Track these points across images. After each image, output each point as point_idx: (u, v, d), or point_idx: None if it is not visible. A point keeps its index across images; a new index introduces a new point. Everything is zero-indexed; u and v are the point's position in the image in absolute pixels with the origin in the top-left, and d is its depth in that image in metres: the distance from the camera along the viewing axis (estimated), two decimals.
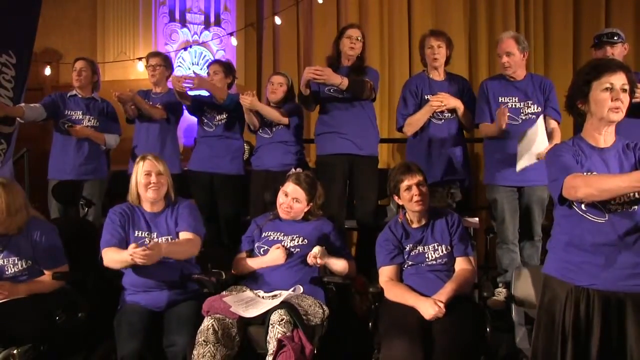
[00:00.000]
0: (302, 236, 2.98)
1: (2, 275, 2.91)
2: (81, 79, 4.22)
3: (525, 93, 3.54)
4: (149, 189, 2.89)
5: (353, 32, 3.74)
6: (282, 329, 2.49)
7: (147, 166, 2.90)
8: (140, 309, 2.75)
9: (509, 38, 3.56)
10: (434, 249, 2.82)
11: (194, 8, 6.15)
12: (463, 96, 3.71)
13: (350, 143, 3.65)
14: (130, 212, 2.94)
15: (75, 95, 4.25)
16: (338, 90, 3.63)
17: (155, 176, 2.90)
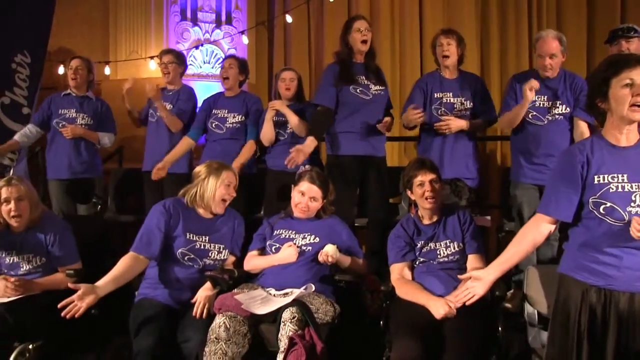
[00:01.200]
0: (313, 234, 2.97)
1: (17, 271, 2.96)
2: (77, 77, 4.20)
3: (555, 92, 3.48)
4: (222, 200, 2.91)
5: (361, 24, 3.68)
6: (294, 326, 2.48)
7: (232, 178, 2.94)
8: (157, 304, 2.76)
9: (553, 39, 3.44)
10: (446, 246, 2.81)
11: (206, 6, 6.17)
12: (476, 94, 3.68)
13: (367, 144, 3.63)
14: (182, 212, 2.92)
15: (70, 94, 4.25)
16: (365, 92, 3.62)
17: (233, 190, 2.94)
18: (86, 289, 2.52)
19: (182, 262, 2.85)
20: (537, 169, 3.46)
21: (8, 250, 2.97)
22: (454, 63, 3.69)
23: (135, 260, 2.75)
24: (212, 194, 2.90)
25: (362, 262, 3.03)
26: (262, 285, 2.85)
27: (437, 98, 3.68)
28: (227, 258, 2.96)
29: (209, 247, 2.90)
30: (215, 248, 2.91)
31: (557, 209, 2.11)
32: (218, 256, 2.92)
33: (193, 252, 2.86)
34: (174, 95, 4.27)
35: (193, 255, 2.86)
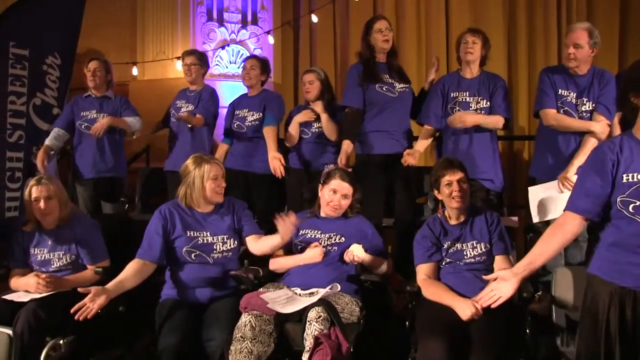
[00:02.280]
0: (339, 234, 2.97)
1: (48, 268, 3.02)
2: (95, 79, 4.24)
3: (582, 89, 3.40)
4: (216, 194, 2.91)
5: (382, 24, 3.68)
6: (319, 326, 2.48)
7: (215, 170, 2.91)
8: (181, 304, 2.79)
9: (581, 29, 3.36)
10: (473, 247, 2.78)
11: (232, 7, 6.20)
12: (493, 93, 3.61)
13: (396, 142, 3.63)
14: (179, 212, 2.94)
15: (90, 95, 4.28)
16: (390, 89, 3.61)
17: (222, 180, 2.93)
18: (97, 291, 2.58)
19: (190, 260, 2.87)
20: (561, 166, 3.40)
21: (40, 247, 3.04)
22: (475, 62, 3.64)
23: (141, 265, 2.81)
24: (199, 191, 2.90)
25: (387, 262, 3.02)
26: (287, 285, 2.86)
27: (453, 97, 3.63)
28: (236, 246, 2.95)
29: (212, 241, 2.90)
30: (219, 240, 2.91)
31: (585, 207, 2.07)
32: (224, 247, 2.91)
33: (197, 248, 2.87)
34: (196, 95, 4.30)
35: (198, 252, 2.87)
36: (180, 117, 4.15)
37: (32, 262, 3.05)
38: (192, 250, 2.87)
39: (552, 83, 3.46)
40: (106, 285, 2.66)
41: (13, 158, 4.12)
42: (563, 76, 3.45)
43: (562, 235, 2.14)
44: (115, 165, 4.24)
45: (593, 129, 3.29)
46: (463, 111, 3.55)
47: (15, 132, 4.10)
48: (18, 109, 4.15)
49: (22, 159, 4.19)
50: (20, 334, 2.56)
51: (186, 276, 2.87)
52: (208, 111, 4.23)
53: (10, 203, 4.04)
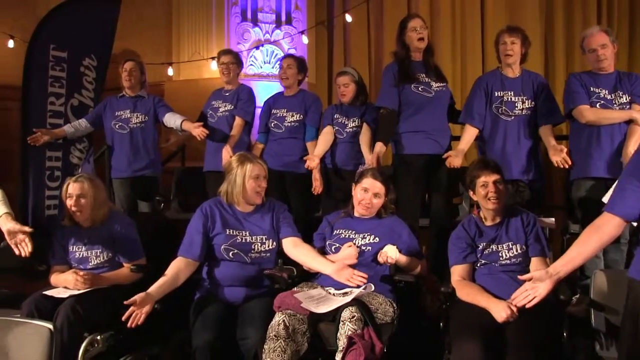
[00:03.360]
0: (373, 234, 2.95)
1: (85, 265, 3.07)
2: (131, 79, 4.29)
3: (614, 85, 3.41)
4: (256, 193, 2.93)
5: (416, 23, 3.65)
6: (353, 326, 2.48)
7: (257, 170, 2.92)
8: (217, 302, 2.82)
9: (599, 32, 3.45)
10: (508, 248, 2.74)
11: (266, 7, 6.24)
12: (538, 95, 3.56)
13: (434, 142, 3.60)
14: (220, 210, 2.96)
15: (124, 95, 4.33)
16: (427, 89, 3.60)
17: (263, 181, 2.95)
18: (141, 300, 2.62)
19: (228, 258, 2.89)
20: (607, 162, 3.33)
21: (78, 245, 3.10)
22: (516, 62, 3.60)
23: (183, 263, 2.84)
24: (240, 189, 2.91)
25: (422, 263, 2.99)
26: (321, 284, 2.86)
27: (498, 97, 3.58)
28: (274, 247, 2.95)
29: (250, 241, 2.91)
30: (257, 240, 2.92)
31: (624, 208, 2.02)
32: (262, 247, 2.92)
33: (235, 246, 2.89)
34: (233, 95, 4.32)
35: (236, 250, 2.89)
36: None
37: (70, 259, 3.11)
38: (230, 248, 2.89)
39: (582, 83, 3.46)
40: (149, 290, 2.70)
41: (52, 157, 4.21)
42: (591, 77, 3.49)
43: (600, 237, 2.09)
44: (150, 164, 4.28)
45: (635, 116, 3.30)
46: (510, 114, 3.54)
47: None
48: (57, 109, 4.24)
49: (60, 159, 4.27)
50: (60, 329, 2.61)
51: (223, 274, 2.89)
52: (247, 112, 4.25)
53: (50, 201, 4.13)
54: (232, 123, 4.24)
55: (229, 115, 4.26)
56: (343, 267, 2.72)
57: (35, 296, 2.87)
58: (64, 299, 2.81)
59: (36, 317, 2.64)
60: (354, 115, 3.90)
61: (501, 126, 3.57)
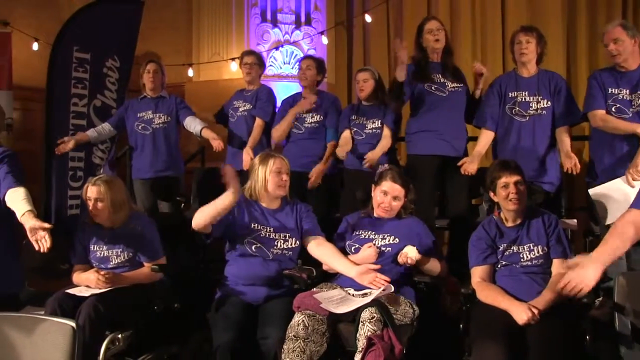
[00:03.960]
0: (393, 235, 2.95)
1: (106, 265, 3.10)
2: (155, 80, 4.30)
3: (636, 84, 3.31)
4: (278, 187, 2.95)
5: (432, 25, 3.65)
6: (373, 327, 2.47)
7: (278, 164, 2.96)
8: (237, 301, 2.83)
9: (615, 27, 3.35)
10: (529, 249, 2.72)
11: (285, 8, 6.26)
12: (555, 94, 3.51)
13: (446, 144, 3.58)
14: (247, 205, 2.99)
15: (145, 97, 4.34)
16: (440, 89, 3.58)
17: (285, 175, 2.96)
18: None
19: (250, 252, 2.90)
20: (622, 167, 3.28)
21: (99, 244, 3.13)
22: (531, 61, 3.55)
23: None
24: (263, 183, 2.94)
25: (442, 264, 2.98)
26: (340, 285, 2.85)
27: (511, 97, 3.55)
28: (297, 247, 2.97)
29: (274, 237, 2.93)
30: (280, 237, 2.94)
31: None
32: (285, 245, 2.94)
33: (258, 240, 2.90)
34: (252, 95, 4.34)
35: (259, 244, 2.90)
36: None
37: (92, 258, 3.15)
38: (254, 242, 2.90)
39: (601, 85, 3.38)
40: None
41: (75, 158, 4.26)
42: (613, 75, 3.39)
43: (635, 231, 2.02)
44: (172, 165, 4.30)
45: (638, 131, 3.19)
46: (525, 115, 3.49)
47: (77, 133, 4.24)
48: (80, 110, 4.30)
49: (83, 159, 4.33)
50: (82, 327, 2.64)
51: (244, 272, 2.90)
52: (266, 112, 4.26)
53: (72, 201, 4.19)
54: (250, 123, 4.27)
55: (247, 115, 4.29)
56: (367, 271, 2.71)
57: (58, 294, 2.91)
58: (85, 298, 2.85)
59: (59, 315, 2.67)
60: (374, 116, 3.88)
61: (515, 127, 3.53)
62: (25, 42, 5.99)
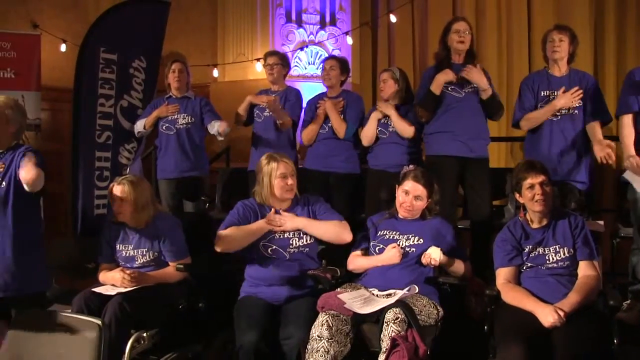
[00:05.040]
0: (417, 235, 2.93)
1: (132, 264, 3.13)
2: (181, 80, 4.33)
3: None
4: (285, 191, 2.96)
5: (460, 26, 3.63)
6: (397, 327, 2.46)
7: (282, 168, 2.96)
8: (260, 301, 2.84)
9: None
10: (555, 251, 2.68)
11: (310, 8, 6.26)
12: (586, 93, 3.47)
13: (462, 145, 3.54)
14: (259, 209, 3.01)
15: (170, 96, 4.37)
16: (457, 89, 3.55)
17: (290, 178, 2.97)
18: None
19: (267, 255, 2.92)
20: None
21: (125, 244, 3.16)
22: (563, 60, 3.53)
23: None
24: (268, 189, 2.96)
25: (466, 265, 2.96)
26: (365, 285, 2.85)
27: (544, 96, 3.54)
28: (313, 242, 2.98)
29: (288, 236, 2.94)
30: (295, 235, 2.95)
31: None
32: (300, 242, 2.95)
33: (273, 243, 2.92)
34: (281, 96, 4.34)
35: (275, 247, 2.92)
36: (270, 105, 4.08)
37: (118, 257, 3.18)
38: (269, 244, 2.92)
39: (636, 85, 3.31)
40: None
41: (102, 158, 4.32)
42: None
43: None
44: (197, 165, 4.32)
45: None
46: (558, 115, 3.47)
47: (104, 133, 4.30)
48: (106, 110, 4.35)
49: (109, 159, 4.39)
50: (108, 325, 2.67)
51: (264, 273, 2.92)
52: (295, 113, 4.27)
53: (98, 201, 4.25)
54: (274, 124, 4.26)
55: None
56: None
57: (84, 293, 2.95)
58: (111, 296, 2.88)
59: (85, 313, 2.71)
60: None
61: (547, 126, 3.51)
62: (54, 43, 6.08)
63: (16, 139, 3.02)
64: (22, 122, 3.06)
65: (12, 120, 2.98)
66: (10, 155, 2.95)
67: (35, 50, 5.60)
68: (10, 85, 5.35)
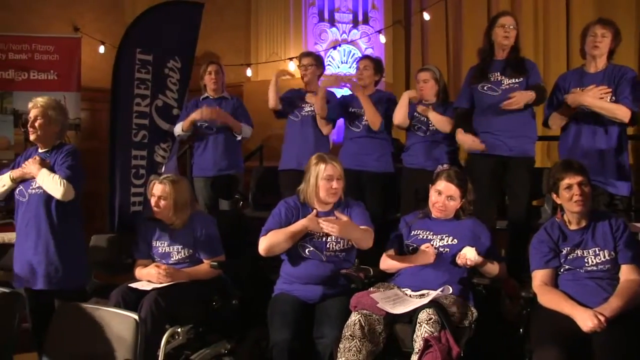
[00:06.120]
0: (451, 236, 2.90)
1: (167, 260, 3.18)
2: (217, 81, 4.41)
3: None
4: (329, 194, 2.96)
5: (506, 20, 3.54)
6: (430, 328, 2.44)
7: (330, 170, 2.95)
8: (294, 300, 2.85)
9: None
10: (595, 254, 2.61)
11: (343, 7, 6.26)
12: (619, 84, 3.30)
13: (501, 144, 3.48)
14: (301, 207, 3.01)
15: (207, 97, 4.44)
16: (493, 88, 3.50)
17: (336, 182, 2.96)
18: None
19: (304, 255, 2.92)
20: None
21: (161, 240, 3.21)
22: (602, 56, 3.39)
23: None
24: (314, 189, 2.95)
25: (501, 266, 2.91)
26: (398, 285, 2.84)
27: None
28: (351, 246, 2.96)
29: (326, 240, 2.93)
30: (332, 240, 2.93)
31: None
32: (337, 247, 2.94)
33: (311, 244, 2.91)
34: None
35: (312, 248, 2.92)
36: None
37: (154, 254, 3.23)
38: (306, 245, 2.92)
39: None
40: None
41: (138, 156, 4.38)
42: None
43: None
44: (232, 163, 4.39)
45: None
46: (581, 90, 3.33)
47: (140, 132, 4.36)
48: (142, 110, 4.41)
49: (145, 157, 4.44)
50: (144, 320, 2.71)
51: (300, 272, 2.93)
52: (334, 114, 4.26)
53: (135, 198, 4.31)
54: (314, 124, 4.28)
55: (314, 116, 4.28)
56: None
57: (122, 288, 3.01)
58: (147, 292, 2.93)
59: (122, 308, 2.76)
60: None
61: (580, 125, 3.39)
62: (93, 45, 6.23)
63: (60, 138, 3.17)
64: (64, 122, 3.19)
65: (56, 121, 3.11)
66: (55, 155, 3.11)
67: (76, 52, 5.74)
68: (53, 87, 5.52)
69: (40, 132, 3.09)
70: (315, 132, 4.26)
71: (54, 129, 3.11)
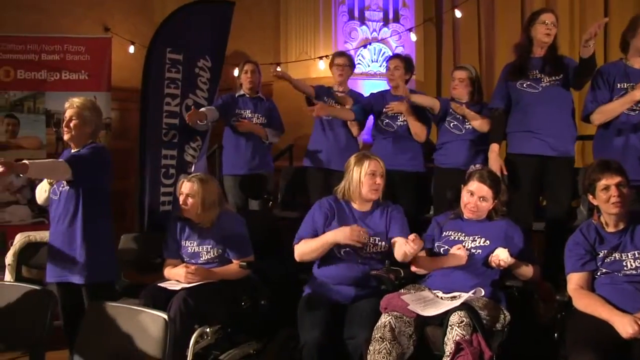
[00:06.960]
0: (484, 237, 2.85)
1: (196, 260, 3.19)
2: (253, 80, 4.44)
3: None
4: (372, 190, 2.94)
5: (548, 17, 3.43)
6: (461, 331, 2.40)
7: (373, 166, 2.96)
8: (324, 300, 2.83)
9: None
10: (634, 257, 2.52)
11: (373, 5, 6.21)
12: None
13: (543, 144, 3.38)
14: (336, 207, 3.00)
15: (244, 95, 4.48)
16: (533, 85, 3.42)
17: (379, 178, 2.95)
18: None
19: (339, 256, 2.90)
20: None
21: (190, 240, 3.22)
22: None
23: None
24: (357, 185, 2.93)
25: (535, 268, 2.85)
26: (429, 287, 2.80)
27: (620, 89, 3.31)
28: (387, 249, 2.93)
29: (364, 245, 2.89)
30: (370, 241, 2.90)
31: None
32: (374, 249, 2.92)
33: (348, 245, 2.87)
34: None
35: (348, 249, 2.89)
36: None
37: (183, 253, 3.25)
38: (343, 246, 2.89)
39: None
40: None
41: (167, 155, 4.40)
42: None
43: None
44: (262, 162, 4.42)
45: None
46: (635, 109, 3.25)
47: (170, 132, 4.38)
48: (172, 109, 4.43)
49: (175, 157, 4.46)
50: (173, 319, 2.72)
51: (332, 272, 2.91)
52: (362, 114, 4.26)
53: (164, 197, 4.33)
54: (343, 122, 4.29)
55: None
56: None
57: (151, 287, 3.04)
58: (176, 291, 2.93)
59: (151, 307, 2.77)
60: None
61: (622, 122, 3.29)
62: (123, 45, 6.29)
63: (92, 139, 3.19)
64: (98, 122, 3.22)
65: (90, 122, 3.14)
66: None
67: (106, 52, 5.80)
68: (84, 87, 5.58)
69: (74, 132, 3.11)
70: (345, 131, 4.27)
71: (87, 130, 3.13)
